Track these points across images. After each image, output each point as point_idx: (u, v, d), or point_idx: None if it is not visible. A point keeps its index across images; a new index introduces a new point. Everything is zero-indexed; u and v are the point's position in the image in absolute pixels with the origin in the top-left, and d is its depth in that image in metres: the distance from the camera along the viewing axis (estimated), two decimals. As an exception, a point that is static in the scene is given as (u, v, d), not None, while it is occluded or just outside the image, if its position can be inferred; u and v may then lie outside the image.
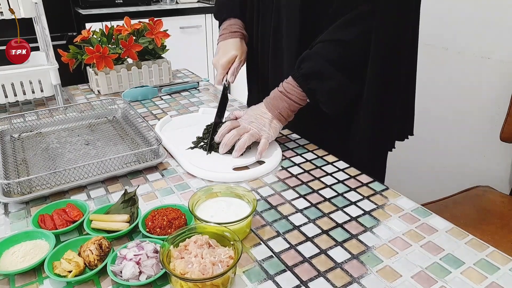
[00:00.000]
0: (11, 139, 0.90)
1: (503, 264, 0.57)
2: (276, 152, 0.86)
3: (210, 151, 0.86)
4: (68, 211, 0.64)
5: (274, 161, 0.83)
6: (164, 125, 0.99)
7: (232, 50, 0.98)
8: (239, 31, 1.01)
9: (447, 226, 0.65)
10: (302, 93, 0.84)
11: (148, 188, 0.75)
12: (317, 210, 0.69)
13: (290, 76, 0.85)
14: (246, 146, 0.83)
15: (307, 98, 0.85)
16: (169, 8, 2.62)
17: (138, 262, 0.54)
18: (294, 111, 0.87)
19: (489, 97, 1.46)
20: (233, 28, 1.01)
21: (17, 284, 0.54)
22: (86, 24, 2.33)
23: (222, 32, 1.02)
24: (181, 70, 1.48)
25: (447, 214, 1.14)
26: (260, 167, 0.81)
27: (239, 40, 1.00)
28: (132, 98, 1.17)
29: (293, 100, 0.85)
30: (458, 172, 1.61)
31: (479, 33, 1.44)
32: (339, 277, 0.55)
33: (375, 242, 0.62)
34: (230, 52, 0.97)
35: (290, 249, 0.60)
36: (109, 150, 0.86)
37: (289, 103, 0.85)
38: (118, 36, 1.22)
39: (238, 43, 1.00)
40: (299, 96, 0.84)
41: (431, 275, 0.55)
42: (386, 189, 0.76)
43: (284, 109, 0.85)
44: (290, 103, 0.85)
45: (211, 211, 0.62)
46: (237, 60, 0.98)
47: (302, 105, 0.87)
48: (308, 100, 0.86)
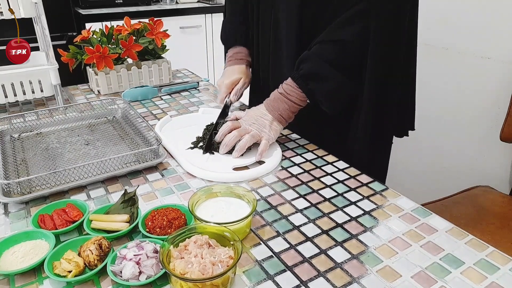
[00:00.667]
0: (11, 139, 0.90)
1: (503, 264, 0.57)
2: (276, 152, 0.86)
3: (207, 151, 0.86)
4: (68, 211, 0.64)
5: (274, 161, 0.83)
6: (164, 125, 0.99)
7: (237, 73, 1.03)
8: (244, 58, 1.07)
9: (447, 226, 0.65)
10: (302, 94, 0.84)
11: (148, 188, 0.75)
12: (317, 210, 0.69)
13: (290, 77, 0.86)
14: (246, 147, 0.83)
15: (307, 99, 0.85)
16: (169, 8, 2.62)
17: (138, 262, 0.54)
18: (295, 112, 0.87)
19: (489, 97, 1.46)
20: (238, 55, 1.06)
21: (17, 284, 0.54)
22: (86, 24, 2.33)
23: (229, 59, 1.07)
24: (181, 70, 1.48)
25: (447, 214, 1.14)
26: (260, 167, 0.81)
27: (244, 66, 1.05)
28: (132, 98, 1.17)
29: (293, 101, 0.85)
30: (458, 172, 1.62)
31: (479, 33, 1.44)
32: (339, 277, 0.55)
33: (375, 242, 0.62)
34: (234, 75, 1.02)
35: (290, 249, 0.60)
36: (109, 150, 0.86)
37: (290, 104, 0.85)
38: (118, 36, 1.22)
39: (244, 69, 1.05)
40: (299, 97, 0.85)
41: (431, 275, 0.55)
42: (386, 189, 0.76)
43: (285, 110, 0.85)
44: (291, 105, 0.85)
45: (211, 211, 0.62)
46: (241, 82, 1.02)
47: (302, 106, 0.87)
48: (308, 100, 0.86)
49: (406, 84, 0.90)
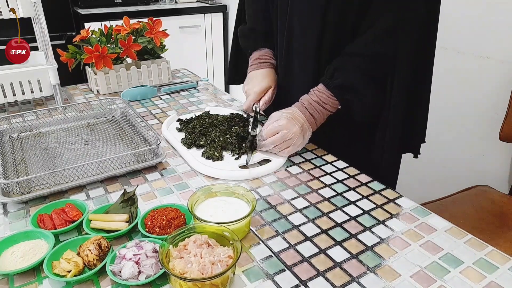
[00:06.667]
0: (10, 139, 0.90)
1: (502, 263, 0.57)
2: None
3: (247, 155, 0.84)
4: (67, 211, 0.64)
5: (278, 162, 0.82)
6: (171, 123, 0.99)
7: (266, 80, 0.99)
8: (268, 61, 1.03)
9: (446, 226, 0.65)
10: (336, 101, 0.85)
11: (147, 188, 0.75)
12: (316, 210, 0.69)
13: (322, 84, 0.85)
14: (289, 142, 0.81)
15: (339, 106, 0.86)
16: (168, 7, 2.61)
17: (137, 261, 0.54)
18: (325, 119, 0.88)
19: (489, 97, 1.46)
20: (262, 58, 1.03)
21: (16, 284, 0.54)
22: (85, 23, 2.32)
23: (252, 63, 1.04)
24: (180, 69, 1.48)
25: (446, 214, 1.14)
26: (261, 167, 0.81)
27: (270, 70, 1.02)
28: (131, 97, 1.16)
29: (327, 109, 0.86)
30: (457, 171, 1.62)
31: (478, 33, 1.44)
32: (338, 277, 0.55)
33: (374, 241, 0.62)
34: (264, 82, 0.99)
35: (289, 248, 0.60)
36: (108, 150, 0.86)
37: (324, 112, 0.86)
38: (117, 35, 1.22)
39: (271, 73, 1.01)
40: (333, 105, 0.85)
41: (430, 274, 0.55)
42: (385, 189, 0.76)
43: (319, 119, 0.86)
44: (325, 112, 0.86)
45: (211, 211, 0.62)
46: (271, 91, 0.99)
47: (333, 113, 0.88)
48: (339, 107, 0.87)
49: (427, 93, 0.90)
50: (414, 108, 0.88)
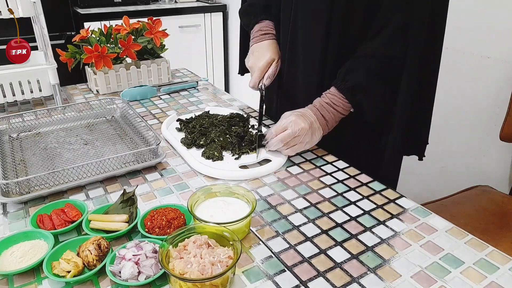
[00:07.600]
0: (10, 139, 0.90)
1: (502, 263, 0.57)
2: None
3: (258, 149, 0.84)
4: (66, 211, 0.64)
5: (278, 162, 0.82)
6: (170, 123, 0.99)
7: (269, 52, 0.97)
8: (269, 32, 1.01)
9: (446, 226, 0.65)
10: (348, 104, 0.85)
11: (147, 188, 0.75)
12: (316, 210, 0.69)
13: (334, 87, 0.85)
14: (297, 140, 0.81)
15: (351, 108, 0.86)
16: (168, 7, 2.61)
17: (137, 262, 0.53)
18: (337, 122, 0.87)
19: (489, 96, 1.45)
20: (263, 30, 1.01)
21: (15, 284, 0.53)
22: (84, 23, 2.32)
23: (254, 35, 1.02)
24: (180, 69, 1.48)
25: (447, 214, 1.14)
26: (261, 167, 0.80)
27: (272, 41, 1.00)
28: (131, 97, 1.16)
29: (339, 111, 0.85)
30: (457, 171, 1.61)
31: (478, 32, 1.44)
32: (338, 277, 0.55)
33: (374, 242, 0.62)
34: (267, 55, 0.97)
35: (289, 249, 0.60)
36: (107, 150, 0.86)
37: (336, 114, 0.85)
38: (116, 35, 1.21)
39: (273, 45, 0.99)
40: (344, 107, 0.85)
41: (431, 274, 0.55)
42: (386, 189, 0.75)
43: (331, 121, 0.85)
44: (337, 115, 0.86)
45: (210, 211, 0.62)
46: (274, 64, 0.97)
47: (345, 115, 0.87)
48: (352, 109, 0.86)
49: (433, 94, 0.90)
50: (420, 109, 0.88)
